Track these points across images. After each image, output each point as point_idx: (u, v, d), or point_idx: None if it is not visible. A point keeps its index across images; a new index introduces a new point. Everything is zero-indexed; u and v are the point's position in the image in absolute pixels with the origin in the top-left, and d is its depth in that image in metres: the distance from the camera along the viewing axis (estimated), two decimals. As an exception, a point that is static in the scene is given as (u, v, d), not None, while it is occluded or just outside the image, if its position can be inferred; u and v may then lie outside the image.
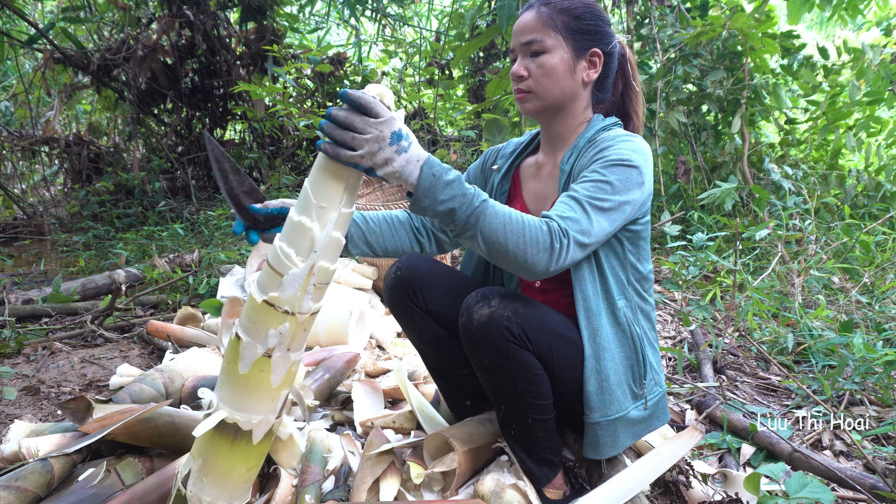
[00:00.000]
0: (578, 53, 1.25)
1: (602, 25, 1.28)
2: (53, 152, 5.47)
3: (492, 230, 1.03)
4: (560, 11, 1.24)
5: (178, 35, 5.41)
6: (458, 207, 1.02)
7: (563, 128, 1.33)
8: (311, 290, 1.00)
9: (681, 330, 2.50)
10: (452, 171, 1.03)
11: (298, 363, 1.07)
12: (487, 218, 1.02)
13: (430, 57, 6.06)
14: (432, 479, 1.39)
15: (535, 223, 1.05)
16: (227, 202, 0.98)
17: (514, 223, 1.03)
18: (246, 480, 1.08)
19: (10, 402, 1.89)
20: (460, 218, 1.02)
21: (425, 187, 1.00)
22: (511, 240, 1.03)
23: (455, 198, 1.01)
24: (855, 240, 2.97)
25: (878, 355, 1.78)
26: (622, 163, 1.15)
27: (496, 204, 1.05)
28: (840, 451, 1.64)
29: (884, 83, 3.74)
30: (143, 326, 2.45)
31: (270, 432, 1.07)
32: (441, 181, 1.01)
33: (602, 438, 1.25)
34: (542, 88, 1.26)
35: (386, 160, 0.97)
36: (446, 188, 1.01)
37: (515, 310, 1.18)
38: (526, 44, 1.25)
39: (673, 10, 4.32)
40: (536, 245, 1.04)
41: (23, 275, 3.69)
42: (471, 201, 1.02)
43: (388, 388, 1.85)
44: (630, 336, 1.25)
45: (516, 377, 1.20)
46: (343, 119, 0.96)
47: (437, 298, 1.38)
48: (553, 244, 1.05)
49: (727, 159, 3.98)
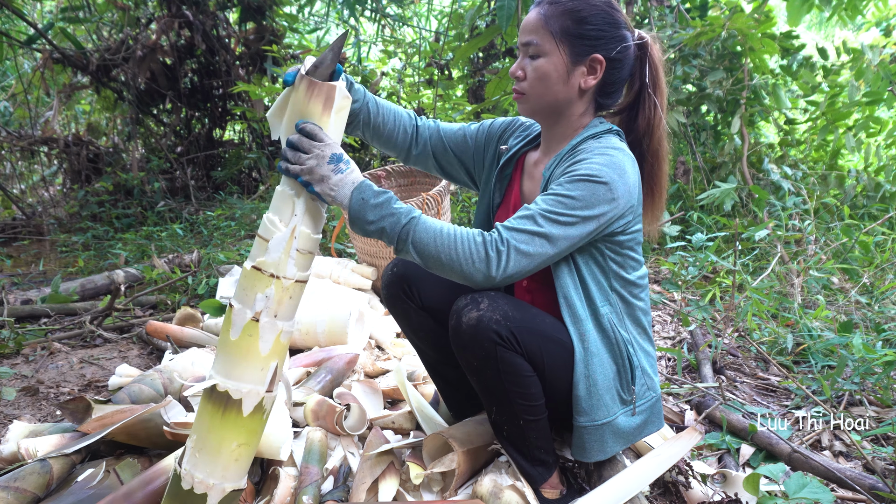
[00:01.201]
0: (576, 59, 1.21)
1: (608, 30, 1.21)
2: (52, 152, 5.46)
3: (423, 245, 1.10)
4: (563, 14, 1.20)
5: (178, 35, 5.41)
6: (387, 227, 1.11)
7: (558, 131, 1.31)
8: (295, 255, 1.09)
9: (680, 330, 2.50)
10: (383, 195, 1.12)
11: (287, 337, 1.11)
12: (418, 234, 1.10)
13: (429, 57, 6.05)
14: (431, 479, 1.39)
15: (468, 236, 1.10)
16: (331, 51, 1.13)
17: (445, 237, 1.10)
18: (237, 459, 1.09)
19: (8, 402, 1.89)
20: (391, 236, 1.11)
21: (355, 209, 1.11)
22: (443, 253, 1.10)
23: (384, 217, 1.11)
24: (854, 240, 2.98)
25: (878, 356, 1.78)
26: (589, 178, 1.14)
27: (427, 220, 1.12)
28: (839, 452, 1.64)
29: (883, 83, 3.74)
30: (142, 327, 2.45)
31: (261, 406, 1.09)
32: (369, 204, 1.10)
33: (589, 442, 1.25)
34: (534, 93, 1.25)
35: (322, 177, 1.09)
36: (374, 209, 1.10)
37: (504, 313, 1.18)
38: (525, 44, 1.23)
39: (672, 10, 4.32)
40: (470, 257, 1.09)
41: (22, 275, 3.68)
42: (398, 220, 1.10)
43: (387, 389, 1.85)
44: (615, 342, 1.25)
45: (506, 379, 1.20)
46: (295, 141, 1.10)
47: (433, 295, 1.38)
48: (488, 254, 1.09)
49: (726, 160, 3.98)
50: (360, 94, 1.33)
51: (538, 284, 1.35)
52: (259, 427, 1.11)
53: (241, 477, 1.11)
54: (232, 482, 1.09)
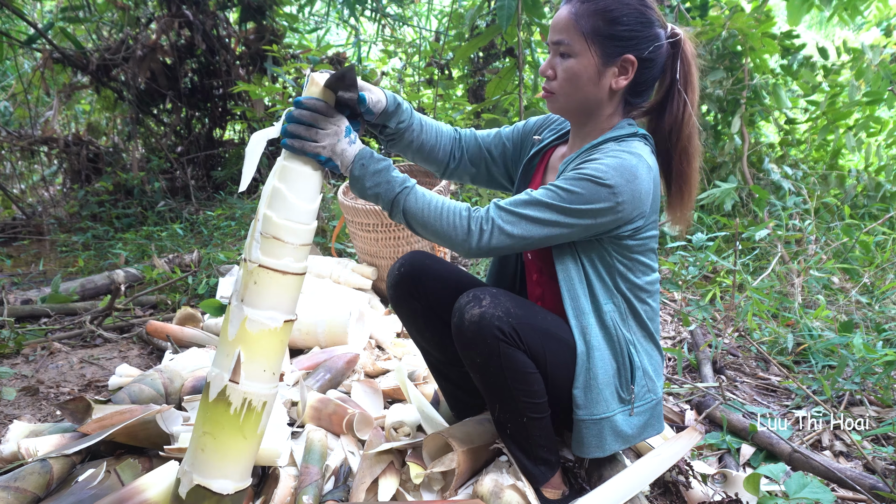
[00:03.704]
0: (607, 60, 1.19)
1: (641, 30, 1.19)
2: (52, 152, 5.46)
3: (413, 213, 1.19)
4: (594, 13, 1.17)
5: (178, 35, 5.41)
6: (382, 193, 1.19)
7: (587, 130, 1.29)
8: (259, 239, 1.13)
9: (680, 330, 2.50)
10: (382, 162, 1.20)
11: (257, 327, 1.11)
12: (408, 203, 1.18)
13: (429, 57, 6.05)
14: (432, 479, 1.39)
15: (454, 209, 1.18)
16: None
17: (433, 209, 1.18)
18: (203, 448, 1.09)
19: (9, 402, 1.89)
20: (385, 201, 1.20)
21: (356, 175, 1.19)
22: (430, 222, 1.18)
23: (380, 184, 1.19)
24: (855, 240, 2.97)
25: (878, 355, 1.78)
26: (592, 178, 1.14)
27: (420, 189, 1.20)
28: (840, 452, 1.64)
29: (883, 83, 3.74)
30: (142, 327, 2.44)
31: (224, 393, 1.09)
32: (369, 169, 1.19)
33: (587, 437, 1.25)
34: (564, 93, 1.23)
35: (342, 150, 1.18)
36: (373, 176, 1.19)
37: (507, 309, 1.19)
38: (555, 42, 1.21)
39: (673, 10, 4.32)
40: (453, 228, 1.17)
41: (22, 275, 3.68)
42: (392, 188, 1.19)
43: (387, 389, 1.85)
44: (616, 340, 1.25)
45: (509, 376, 1.21)
46: (309, 118, 1.16)
47: (439, 295, 1.38)
48: (470, 228, 1.17)
49: (727, 159, 3.97)
50: (408, 115, 1.35)
51: (548, 279, 1.36)
52: (223, 417, 1.09)
53: (206, 465, 1.10)
54: (199, 473, 1.09)
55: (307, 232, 1.16)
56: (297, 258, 1.15)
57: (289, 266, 1.14)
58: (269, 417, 1.16)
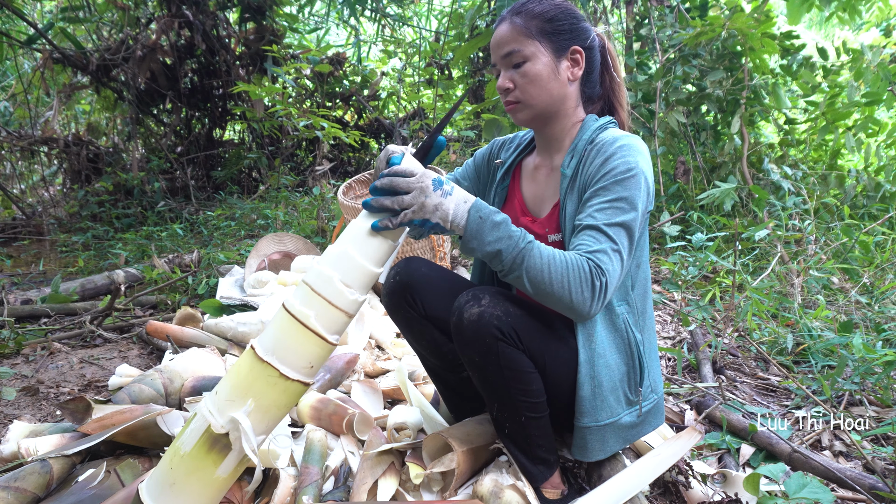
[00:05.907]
0: (559, 54, 1.26)
1: (577, 22, 1.28)
2: (52, 152, 5.47)
3: (537, 270, 1.06)
4: (532, 18, 1.25)
5: (178, 35, 5.41)
6: (504, 249, 1.07)
7: (556, 130, 1.33)
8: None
9: (680, 330, 2.50)
10: (500, 214, 1.09)
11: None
12: (533, 259, 1.07)
13: (429, 57, 6.06)
14: (431, 479, 1.39)
15: (577, 263, 1.07)
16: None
17: (558, 263, 1.07)
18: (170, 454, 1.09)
19: (9, 402, 1.89)
20: (507, 259, 1.07)
21: (473, 229, 1.08)
22: (556, 280, 1.06)
23: (501, 239, 1.07)
24: (854, 240, 2.98)
25: (878, 355, 1.78)
26: (630, 174, 1.16)
27: (540, 245, 1.09)
28: (839, 452, 1.64)
29: (882, 84, 3.75)
30: (142, 327, 2.45)
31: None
32: (488, 223, 1.07)
33: (591, 443, 1.25)
34: (529, 97, 1.26)
35: (436, 206, 1.07)
36: (493, 230, 1.07)
37: (506, 309, 1.19)
38: (506, 56, 1.26)
39: (672, 10, 4.33)
40: (580, 285, 1.07)
41: (22, 275, 3.68)
42: (517, 243, 1.07)
43: (387, 389, 1.85)
44: (628, 342, 1.25)
45: (507, 375, 1.21)
46: (387, 184, 1.07)
47: (435, 303, 1.38)
48: (594, 282, 1.07)
49: (726, 159, 3.98)
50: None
51: None
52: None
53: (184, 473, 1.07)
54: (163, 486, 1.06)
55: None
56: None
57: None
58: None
